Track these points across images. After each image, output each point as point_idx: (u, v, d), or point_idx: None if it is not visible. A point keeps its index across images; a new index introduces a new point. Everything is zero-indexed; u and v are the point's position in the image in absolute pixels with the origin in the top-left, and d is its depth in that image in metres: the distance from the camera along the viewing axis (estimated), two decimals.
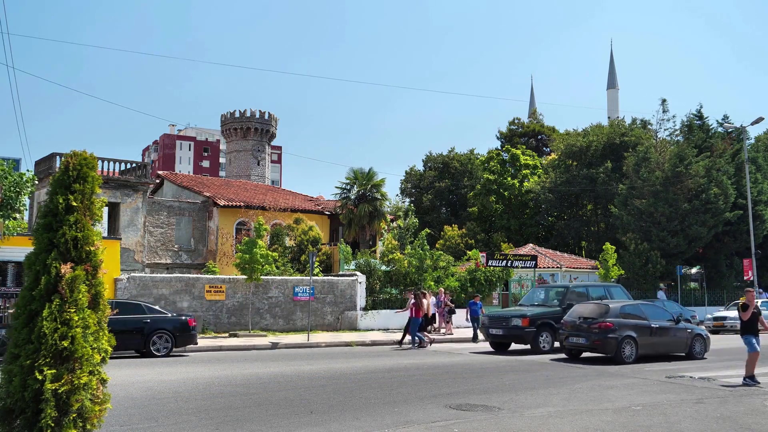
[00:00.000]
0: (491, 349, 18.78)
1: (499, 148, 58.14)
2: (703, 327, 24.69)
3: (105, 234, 28.33)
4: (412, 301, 20.14)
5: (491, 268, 29.73)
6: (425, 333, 20.49)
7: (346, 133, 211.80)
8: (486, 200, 49.86)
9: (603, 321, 15.21)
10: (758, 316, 12.11)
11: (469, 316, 23.00)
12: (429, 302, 20.87)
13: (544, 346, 17.69)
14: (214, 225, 35.44)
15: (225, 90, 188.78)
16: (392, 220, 41.09)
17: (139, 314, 16.63)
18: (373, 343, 20.88)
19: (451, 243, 45.00)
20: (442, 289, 25.26)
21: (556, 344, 18.25)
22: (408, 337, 20.03)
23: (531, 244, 39.49)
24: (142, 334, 16.27)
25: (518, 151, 52.69)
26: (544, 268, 34.02)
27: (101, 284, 5.61)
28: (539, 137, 61.59)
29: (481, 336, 22.34)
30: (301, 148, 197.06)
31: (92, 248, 5.54)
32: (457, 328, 26.53)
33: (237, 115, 67.48)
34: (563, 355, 16.53)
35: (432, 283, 28.01)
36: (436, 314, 24.09)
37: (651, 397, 10.08)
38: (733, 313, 25.41)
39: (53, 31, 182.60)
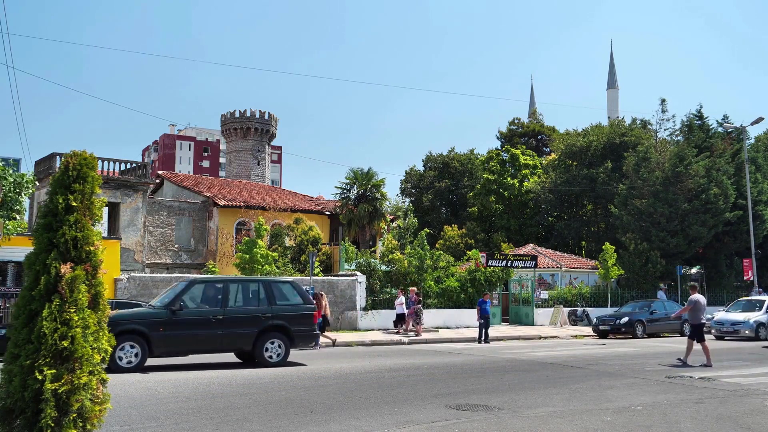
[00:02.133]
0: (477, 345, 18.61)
1: (499, 148, 58.12)
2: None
3: (105, 234, 28.33)
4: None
5: (491, 268, 29.73)
6: (323, 334, 19.50)
7: (346, 133, 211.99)
8: (486, 200, 49.86)
9: None
10: None
11: (479, 316, 22.26)
12: (326, 303, 20.30)
13: (129, 362, 12.49)
14: (214, 225, 35.44)
15: (225, 90, 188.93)
16: (392, 220, 41.08)
17: None
18: (373, 343, 20.88)
19: (451, 243, 45.00)
20: (414, 289, 24.57)
21: (155, 361, 13.56)
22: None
23: (531, 244, 39.49)
24: None
25: (518, 151, 52.68)
26: (544, 268, 34.03)
27: (101, 284, 5.60)
28: (539, 137, 61.58)
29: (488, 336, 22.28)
30: (301, 148, 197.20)
31: (92, 248, 5.54)
32: (466, 328, 26.56)
33: (237, 115, 67.49)
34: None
35: (432, 282, 28.01)
36: (406, 314, 23.54)
37: (651, 397, 10.08)
38: (741, 316, 23.64)
39: (53, 31, 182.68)
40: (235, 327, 13.82)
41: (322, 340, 19.37)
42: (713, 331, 24.03)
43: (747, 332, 23.07)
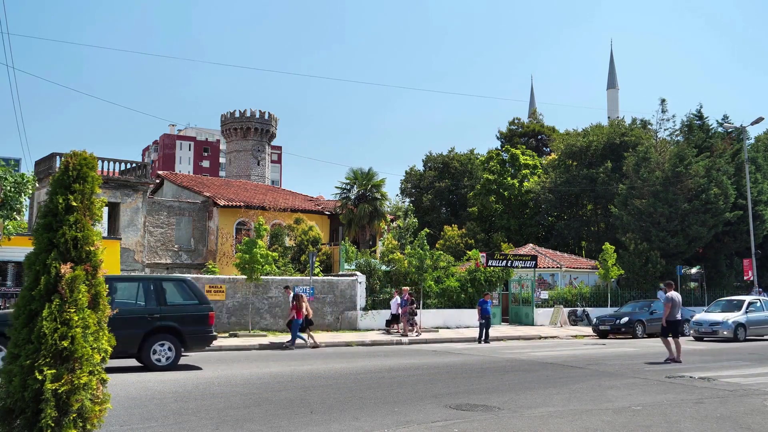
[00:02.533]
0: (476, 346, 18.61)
1: (499, 148, 58.14)
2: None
3: (105, 234, 28.34)
4: (292, 302, 19.69)
5: (491, 268, 29.72)
6: (307, 334, 19.64)
7: (346, 133, 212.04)
8: (486, 200, 49.87)
9: None
10: None
11: (479, 316, 22.12)
12: (306, 303, 20.16)
13: None
14: (214, 225, 35.44)
15: (225, 90, 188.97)
16: (392, 220, 41.07)
17: None
18: (373, 343, 20.89)
19: (451, 243, 44.99)
20: (407, 288, 24.30)
21: None
22: (301, 337, 19.55)
23: (531, 244, 39.49)
24: None
25: (518, 151, 52.69)
26: (544, 268, 34.02)
27: (101, 284, 5.61)
28: (539, 137, 61.59)
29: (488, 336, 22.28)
30: (301, 148, 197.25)
31: (92, 248, 5.54)
32: (466, 328, 26.56)
33: (237, 115, 67.49)
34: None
35: (432, 282, 27.99)
36: (400, 314, 23.43)
37: (651, 397, 10.08)
38: (720, 317, 23.14)
39: (53, 31, 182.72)
40: (118, 329, 13.07)
41: (298, 341, 19.28)
42: (692, 331, 23.76)
43: (726, 333, 22.57)
